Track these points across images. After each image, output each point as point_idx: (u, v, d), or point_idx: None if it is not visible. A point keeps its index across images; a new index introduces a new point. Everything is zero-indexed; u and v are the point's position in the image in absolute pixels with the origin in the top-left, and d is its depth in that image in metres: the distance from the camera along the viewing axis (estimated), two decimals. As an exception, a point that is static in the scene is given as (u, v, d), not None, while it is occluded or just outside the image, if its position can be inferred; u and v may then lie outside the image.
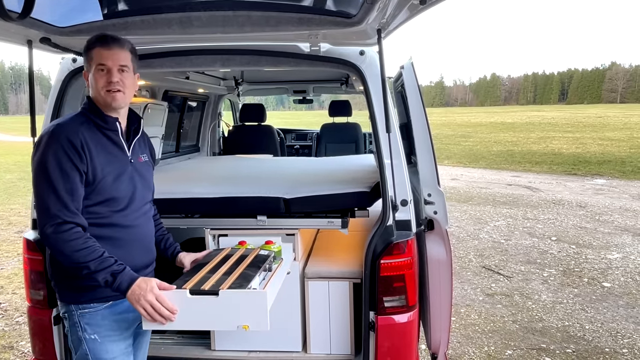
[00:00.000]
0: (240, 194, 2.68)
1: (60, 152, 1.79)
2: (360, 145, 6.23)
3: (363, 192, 2.65)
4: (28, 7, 1.43)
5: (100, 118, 1.92)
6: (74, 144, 1.81)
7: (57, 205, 1.76)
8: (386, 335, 2.40)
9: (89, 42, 1.91)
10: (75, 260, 1.76)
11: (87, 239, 1.79)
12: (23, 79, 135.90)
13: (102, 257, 1.77)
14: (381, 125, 2.39)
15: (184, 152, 4.97)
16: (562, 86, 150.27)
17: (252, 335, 2.71)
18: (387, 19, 2.09)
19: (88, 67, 1.91)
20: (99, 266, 1.76)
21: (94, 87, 1.90)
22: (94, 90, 1.90)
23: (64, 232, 1.76)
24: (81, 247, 1.76)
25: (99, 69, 1.87)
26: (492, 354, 3.96)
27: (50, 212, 1.76)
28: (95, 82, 1.88)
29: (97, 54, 1.87)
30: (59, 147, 1.79)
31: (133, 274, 1.81)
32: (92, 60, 1.88)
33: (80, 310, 1.92)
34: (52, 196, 1.77)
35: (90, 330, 1.92)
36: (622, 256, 6.42)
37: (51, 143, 1.80)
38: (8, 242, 7.29)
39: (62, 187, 1.77)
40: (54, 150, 1.79)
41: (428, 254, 2.61)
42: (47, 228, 1.76)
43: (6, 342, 4.20)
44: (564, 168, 15.17)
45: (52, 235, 1.75)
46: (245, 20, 2.17)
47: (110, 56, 1.87)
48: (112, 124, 1.94)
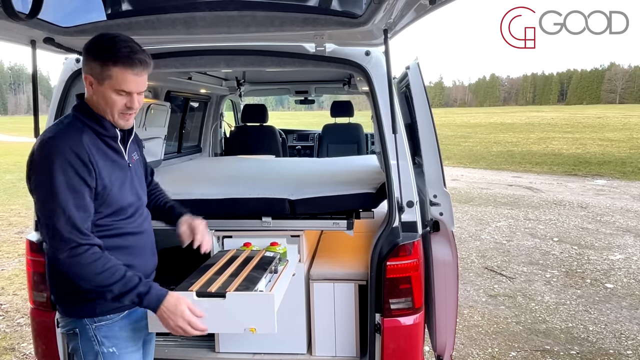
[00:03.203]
0: (245, 195, 2.67)
1: (67, 167, 1.62)
2: (362, 146, 6.21)
3: (369, 194, 2.63)
4: (36, 7, 1.42)
5: (99, 124, 1.75)
6: (81, 156, 1.65)
7: (68, 228, 1.61)
8: (392, 338, 2.39)
9: (110, 55, 1.65)
10: (98, 283, 1.65)
11: (106, 260, 1.67)
12: (22, 79, 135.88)
13: (126, 278, 1.66)
14: (387, 126, 2.37)
15: (186, 152, 4.95)
16: (561, 87, 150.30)
17: (256, 337, 2.69)
18: (393, 19, 2.08)
19: (100, 80, 1.68)
20: (124, 288, 1.65)
21: (105, 105, 1.72)
22: (104, 108, 1.73)
23: (79, 255, 1.62)
24: (102, 270, 1.64)
25: (119, 92, 1.70)
26: (496, 355, 3.94)
27: (63, 236, 1.61)
28: (109, 101, 1.70)
29: (121, 77, 1.67)
30: (64, 161, 1.62)
31: (159, 293, 1.70)
32: (110, 79, 1.67)
33: (96, 323, 1.80)
34: (62, 218, 1.61)
35: (108, 344, 1.80)
36: (624, 257, 6.41)
37: (55, 158, 1.62)
38: (9, 243, 7.26)
39: (73, 206, 1.62)
40: (59, 165, 1.61)
41: (434, 255, 2.60)
42: (61, 253, 1.62)
43: (7, 343, 4.18)
44: (565, 168, 15.17)
45: (67, 261, 1.62)
46: (250, 21, 2.16)
47: (136, 83, 1.70)
48: (112, 131, 1.78)
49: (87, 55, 1.71)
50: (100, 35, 1.72)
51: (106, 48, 1.67)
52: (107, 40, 1.69)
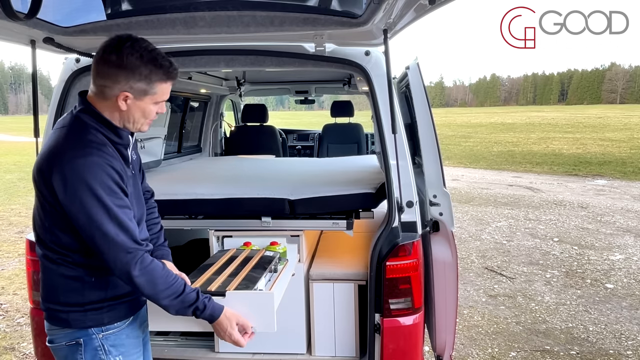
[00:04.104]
0: (245, 195, 2.67)
1: (109, 181, 1.57)
2: (363, 145, 6.21)
3: (368, 194, 2.63)
4: (35, 7, 1.41)
5: (115, 133, 1.68)
6: (116, 168, 1.61)
7: (129, 241, 1.58)
8: (391, 338, 2.39)
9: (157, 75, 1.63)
10: (173, 291, 1.64)
11: (166, 271, 1.66)
12: (23, 79, 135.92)
13: (184, 294, 1.66)
14: (387, 126, 2.37)
15: (186, 152, 4.95)
16: (561, 87, 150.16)
17: (256, 337, 2.67)
18: (393, 19, 2.08)
19: (142, 96, 1.64)
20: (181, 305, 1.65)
21: (140, 117, 1.68)
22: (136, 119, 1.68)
23: (148, 266, 1.61)
24: (168, 276, 1.65)
25: (157, 103, 1.69)
26: (496, 355, 3.94)
27: (128, 248, 1.58)
28: (146, 112, 1.68)
29: (164, 91, 1.68)
30: (104, 175, 1.57)
31: (213, 312, 1.71)
32: (154, 95, 1.66)
33: (103, 332, 1.74)
34: (120, 232, 1.57)
35: (115, 352, 1.75)
36: (624, 257, 6.40)
37: (94, 173, 1.55)
38: (9, 243, 7.27)
39: (125, 218, 1.59)
40: (99, 181, 1.55)
41: (433, 255, 2.59)
42: (134, 269, 1.58)
43: (7, 343, 4.18)
44: (565, 169, 15.15)
45: (142, 276, 1.59)
46: (250, 20, 2.16)
47: (169, 91, 1.72)
48: (126, 139, 1.73)
49: (128, 74, 1.60)
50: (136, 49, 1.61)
51: (152, 66, 1.62)
52: (148, 55, 1.62)
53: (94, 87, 1.66)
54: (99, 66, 1.62)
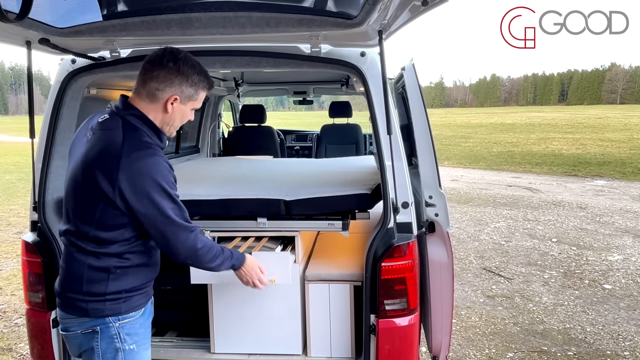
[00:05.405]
0: (241, 195, 2.67)
1: (170, 176, 1.83)
2: (361, 146, 6.21)
3: (364, 194, 2.63)
4: (26, 8, 1.41)
5: (158, 137, 1.90)
6: (168, 163, 1.87)
7: (188, 223, 1.86)
8: (387, 339, 2.39)
9: (205, 84, 1.92)
10: (218, 252, 1.96)
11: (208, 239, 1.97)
12: (23, 80, 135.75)
13: (225, 253, 2.00)
14: (382, 127, 2.37)
15: (184, 153, 4.95)
16: (562, 87, 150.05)
17: (252, 338, 2.69)
18: (388, 20, 2.08)
19: (187, 101, 1.89)
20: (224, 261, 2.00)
21: (178, 120, 1.92)
22: (174, 122, 1.92)
23: (203, 237, 1.92)
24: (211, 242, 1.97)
25: (192, 111, 1.95)
26: (493, 356, 3.94)
27: (190, 228, 1.85)
28: (185, 116, 1.93)
29: (202, 99, 1.95)
30: (166, 171, 1.81)
31: (241, 257, 2.09)
32: (196, 100, 1.92)
33: (120, 321, 1.86)
34: (182, 218, 1.83)
35: (130, 341, 1.87)
36: (622, 258, 6.41)
37: (159, 170, 1.79)
38: (7, 243, 7.27)
39: (182, 204, 1.86)
40: (164, 177, 1.80)
41: (429, 256, 2.59)
42: (198, 243, 1.87)
43: (5, 344, 4.18)
44: (564, 169, 15.15)
45: (203, 247, 1.89)
46: (246, 21, 2.16)
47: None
48: (164, 143, 1.95)
49: (182, 80, 1.84)
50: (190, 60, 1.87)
51: (202, 76, 1.89)
52: (199, 67, 1.89)
53: (143, 90, 1.85)
54: (157, 71, 1.83)
